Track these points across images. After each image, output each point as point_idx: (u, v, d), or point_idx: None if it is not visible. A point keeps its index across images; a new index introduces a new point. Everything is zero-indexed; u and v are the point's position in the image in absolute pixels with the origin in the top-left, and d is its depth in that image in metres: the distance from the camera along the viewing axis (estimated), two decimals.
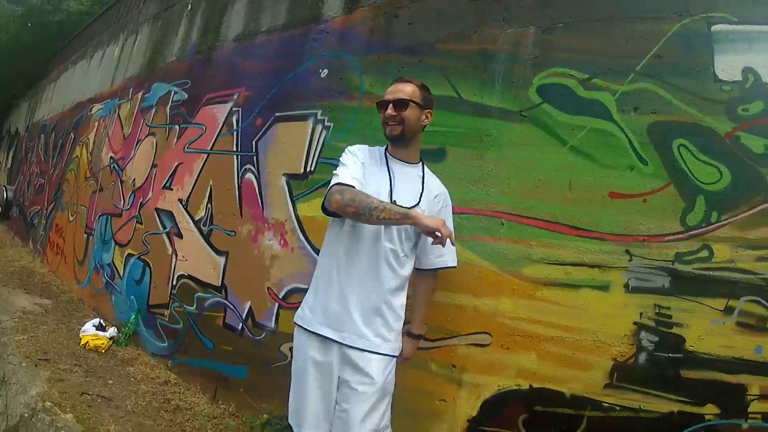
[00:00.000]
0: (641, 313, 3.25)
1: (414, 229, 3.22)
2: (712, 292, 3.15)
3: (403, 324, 3.34)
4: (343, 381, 3.20)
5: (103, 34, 12.31)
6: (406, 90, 3.29)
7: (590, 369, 3.35)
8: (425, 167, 3.43)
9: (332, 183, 3.14)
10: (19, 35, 21.47)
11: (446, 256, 3.38)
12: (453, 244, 3.15)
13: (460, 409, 3.70)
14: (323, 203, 3.17)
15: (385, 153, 3.40)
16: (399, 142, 3.33)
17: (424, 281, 3.49)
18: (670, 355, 3.19)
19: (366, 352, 3.18)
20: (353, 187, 3.10)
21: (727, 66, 3.25)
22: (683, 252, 3.20)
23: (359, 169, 3.24)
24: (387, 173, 3.31)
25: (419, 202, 3.27)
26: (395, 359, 3.29)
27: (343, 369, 3.21)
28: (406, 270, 3.31)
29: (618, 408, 3.26)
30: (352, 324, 3.20)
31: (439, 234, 2.96)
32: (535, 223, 3.59)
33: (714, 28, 3.30)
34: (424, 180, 3.37)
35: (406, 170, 3.36)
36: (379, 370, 3.17)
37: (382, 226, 3.17)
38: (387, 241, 3.21)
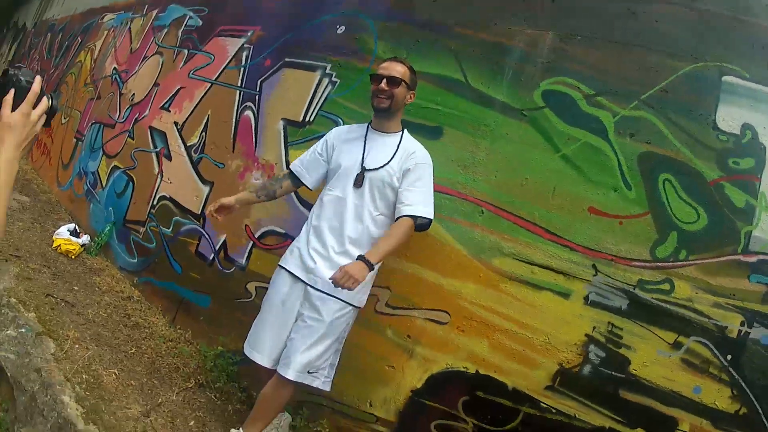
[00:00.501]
0: (594, 327, 3.35)
1: (390, 188, 3.54)
2: (664, 325, 3.26)
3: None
4: (299, 315, 3.57)
5: None
6: (399, 70, 3.59)
7: (536, 368, 3.46)
8: (405, 135, 3.69)
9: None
10: None
11: (417, 206, 3.47)
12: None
13: (406, 378, 3.81)
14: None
15: (368, 126, 3.75)
16: (384, 114, 3.64)
17: (396, 221, 3.56)
18: (613, 373, 3.31)
19: (324, 294, 3.49)
20: (293, 175, 3.90)
21: (729, 117, 3.31)
22: (646, 280, 3.30)
23: (313, 159, 3.87)
24: (363, 147, 3.66)
25: (389, 162, 3.56)
26: (352, 309, 3.56)
27: (303, 305, 3.56)
28: (375, 226, 3.58)
29: (554, 411, 3.38)
30: (316, 267, 3.54)
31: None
32: (513, 218, 3.65)
33: (725, 78, 3.35)
34: (400, 145, 3.62)
35: (384, 140, 3.66)
36: (330, 312, 3.47)
37: (350, 186, 3.58)
38: (354, 199, 3.57)
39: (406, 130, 3.70)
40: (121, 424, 3.69)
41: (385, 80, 3.54)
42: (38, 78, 1.67)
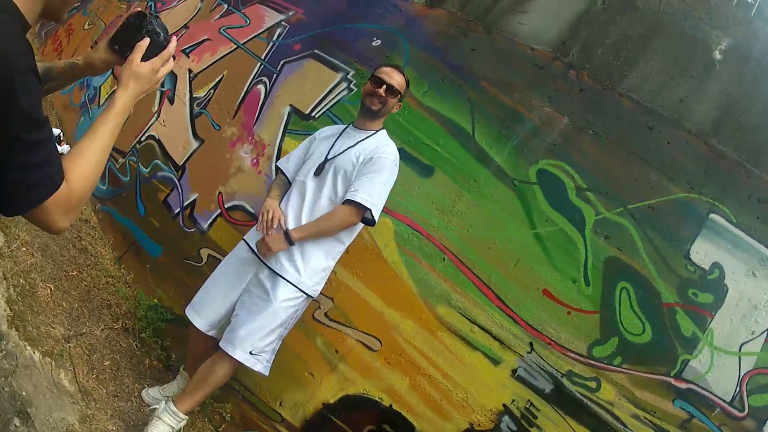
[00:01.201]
0: (513, 400, 3.52)
1: (351, 174, 3.67)
2: (582, 420, 3.45)
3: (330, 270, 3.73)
4: (246, 290, 3.65)
5: None
6: (399, 81, 3.81)
7: (447, 420, 3.60)
8: (381, 132, 3.88)
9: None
10: None
11: (360, 193, 3.55)
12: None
13: (322, 390, 3.93)
14: None
15: (349, 125, 3.98)
16: (370, 115, 3.84)
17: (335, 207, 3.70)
18: None
19: (276, 275, 3.55)
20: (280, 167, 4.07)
21: (702, 252, 3.53)
22: (576, 372, 3.47)
23: (294, 154, 4.08)
24: (333, 142, 3.85)
25: (338, 155, 3.75)
26: (304, 297, 3.61)
27: (252, 281, 3.65)
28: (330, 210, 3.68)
29: None
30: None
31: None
32: (470, 275, 3.81)
33: (712, 215, 3.59)
34: (373, 137, 3.81)
35: (358, 134, 3.85)
36: (280, 295, 3.52)
37: (311, 173, 3.76)
38: (314, 184, 3.74)
39: (384, 131, 3.89)
40: (41, 340, 3.75)
41: (384, 87, 3.73)
42: (174, 38, 1.73)
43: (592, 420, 3.41)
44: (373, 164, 3.63)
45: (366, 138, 3.79)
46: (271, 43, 5.90)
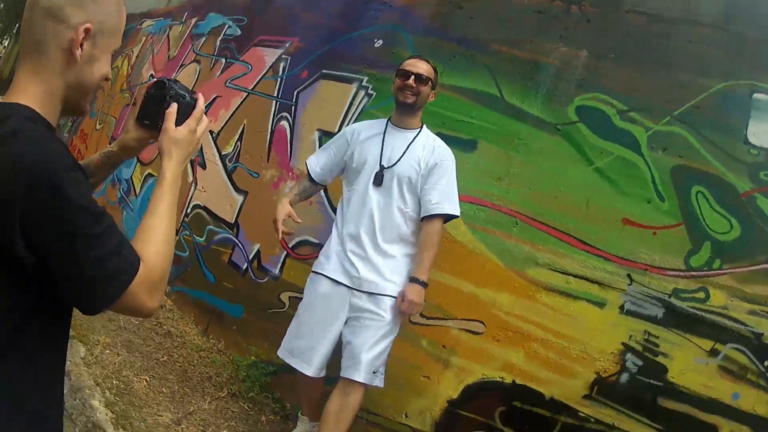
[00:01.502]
0: (630, 336, 3.49)
1: (411, 180, 3.68)
2: (701, 332, 3.39)
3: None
4: (350, 319, 3.67)
5: None
6: (426, 68, 3.74)
7: (573, 377, 3.59)
8: (425, 131, 3.86)
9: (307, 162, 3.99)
10: None
11: (443, 204, 3.65)
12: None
13: (442, 388, 3.95)
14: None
15: (387, 122, 3.90)
16: (407, 110, 3.79)
17: (424, 227, 3.74)
18: (650, 381, 3.43)
19: (375, 295, 3.62)
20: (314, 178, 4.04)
21: (760, 132, 3.48)
22: (681, 288, 3.44)
23: (329, 155, 4.02)
24: (381, 145, 3.80)
25: (396, 163, 3.71)
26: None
27: (352, 309, 3.67)
28: (405, 222, 3.72)
29: (593, 420, 3.50)
30: (358, 270, 3.67)
31: None
32: (547, 229, 3.83)
33: (755, 95, 3.53)
34: (420, 139, 3.79)
35: (403, 135, 3.81)
36: (390, 309, 3.60)
37: (371, 184, 3.73)
38: (379, 197, 3.72)
39: (425, 126, 3.87)
40: (151, 431, 3.82)
41: (413, 77, 3.68)
42: (200, 95, 1.74)
43: (712, 329, 3.38)
44: (439, 170, 3.67)
45: (414, 139, 3.79)
46: (279, 79, 6.00)
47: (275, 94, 5.98)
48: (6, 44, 44.94)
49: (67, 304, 1.41)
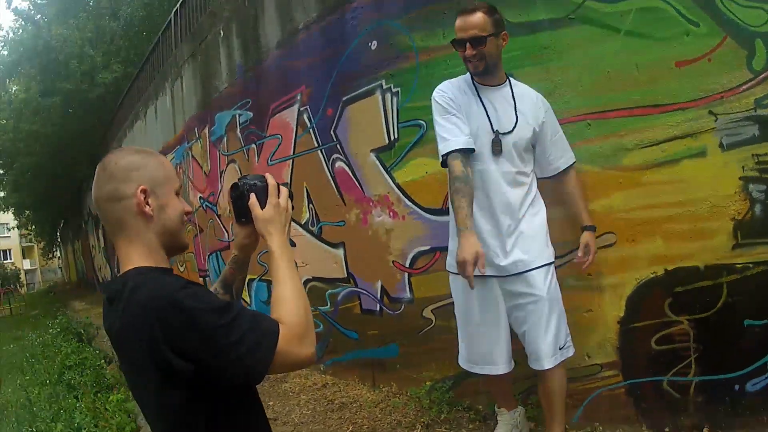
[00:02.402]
0: (743, 167, 3.49)
1: (530, 141, 3.65)
2: None
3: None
4: (511, 308, 3.67)
5: (148, 90, 13.19)
6: (477, 23, 3.42)
7: (714, 235, 3.60)
8: (514, 82, 3.73)
9: (447, 149, 3.52)
10: (64, 123, 22.66)
11: (563, 157, 3.79)
12: None
13: (607, 313, 4.02)
14: (442, 159, 3.62)
15: (473, 82, 3.68)
16: (487, 74, 3.61)
17: (561, 185, 3.88)
18: None
19: (521, 274, 3.58)
20: (470, 151, 3.51)
21: None
22: (760, 96, 3.41)
23: (461, 122, 3.54)
24: (482, 108, 3.61)
25: (514, 127, 3.58)
26: (550, 266, 3.65)
27: (508, 297, 3.66)
28: (530, 187, 3.69)
29: (751, 266, 3.51)
30: (495, 253, 3.58)
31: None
32: (618, 113, 3.86)
33: None
34: (515, 99, 3.64)
35: (499, 94, 3.65)
36: (542, 284, 3.57)
37: (489, 154, 3.58)
38: (503, 167, 3.59)
39: (510, 77, 3.74)
40: None
41: (468, 44, 3.46)
42: (268, 174, 2.01)
43: None
44: (550, 122, 3.75)
45: (513, 95, 3.65)
46: (312, 129, 6.24)
47: (316, 145, 6.26)
48: (59, 254, 47.08)
49: (234, 386, 1.74)
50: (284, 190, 2.00)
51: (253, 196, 1.93)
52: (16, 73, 23.52)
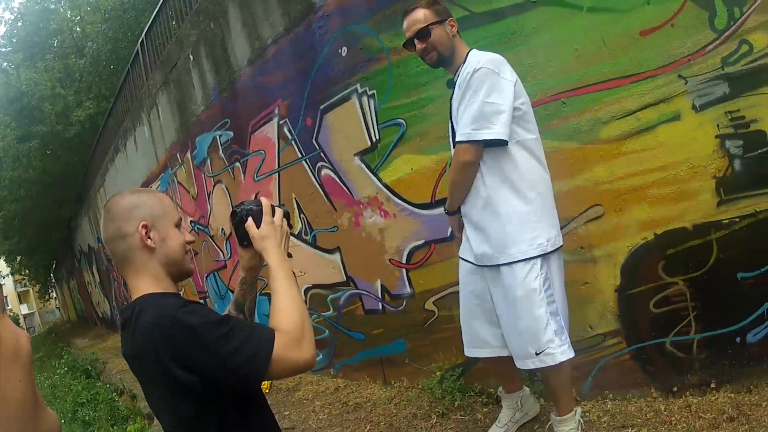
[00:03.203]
0: (718, 125, 3.55)
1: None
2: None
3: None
4: (494, 303, 3.61)
5: (125, 122, 13.18)
6: (419, 17, 3.45)
7: (698, 195, 3.66)
8: (468, 59, 3.46)
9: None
10: (45, 166, 22.53)
11: (462, 129, 3.38)
12: None
13: (603, 284, 4.08)
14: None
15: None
16: (443, 64, 3.58)
17: None
18: (758, 152, 3.49)
19: (491, 267, 3.52)
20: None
21: None
22: (726, 55, 3.48)
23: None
24: (450, 100, 3.60)
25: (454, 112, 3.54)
26: (538, 260, 3.39)
27: (491, 287, 3.59)
28: (487, 176, 3.44)
29: (738, 219, 3.58)
30: (472, 246, 3.61)
31: None
32: (590, 89, 3.93)
33: None
34: (456, 81, 3.50)
35: (458, 84, 3.47)
36: (509, 283, 3.42)
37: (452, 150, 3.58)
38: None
39: (472, 51, 3.52)
40: None
41: (415, 41, 3.48)
42: (262, 197, 2.14)
43: None
44: (467, 92, 3.34)
45: (458, 75, 3.49)
46: (293, 141, 6.29)
47: (300, 156, 6.32)
48: (55, 295, 46.85)
49: (243, 395, 1.89)
50: (279, 210, 2.14)
51: (250, 219, 2.07)
52: None
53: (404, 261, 5.34)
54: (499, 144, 3.32)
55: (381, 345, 5.88)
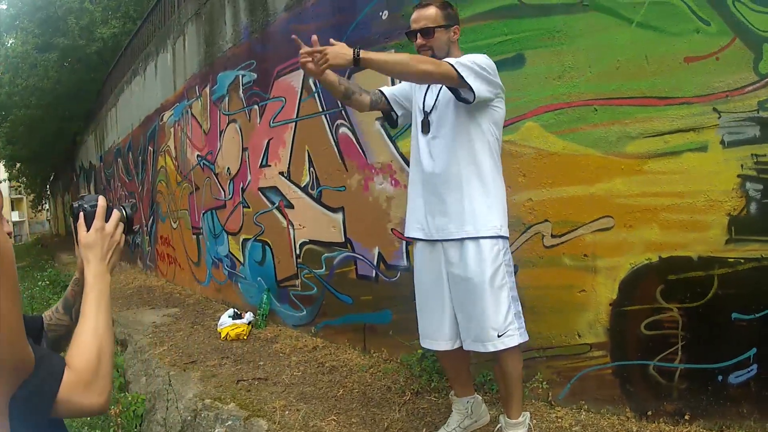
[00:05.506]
0: (742, 165, 3.56)
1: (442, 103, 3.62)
2: None
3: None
4: (450, 282, 3.62)
5: (149, 46, 13.13)
6: (429, 15, 3.57)
7: (709, 228, 3.68)
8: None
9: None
10: (60, 78, 22.46)
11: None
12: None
13: (600, 295, 4.10)
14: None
15: None
16: None
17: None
18: None
19: (455, 241, 3.54)
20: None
21: None
22: (764, 99, 3.48)
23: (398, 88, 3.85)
24: (425, 87, 3.76)
25: (435, 104, 3.66)
26: (501, 242, 3.51)
27: (446, 268, 3.62)
28: (457, 147, 3.55)
29: (742, 261, 3.59)
30: (431, 218, 3.64)
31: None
32: (624, 102, 3.93)
33: None
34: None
35: None
36: (472, 262, 3.47)
37: (420, 132, 3.72)
38: (427, 144, 3.67)
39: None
40: None
41: (419, 35, 3.58)
42: (101, 197, 1.90)
43: None
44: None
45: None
46: (316, 93, 6.29)
47: (321, 110, 6.30)
48: (48, 207, 47.00)
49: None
50: (116, 214, 1.93)
51: (81, 219, 1.87)
52: (14, 28, 23.29)
53: (406, 235, 5.26)
54: (467, 101, 3.42)
55: (367, 312, 5.91)
